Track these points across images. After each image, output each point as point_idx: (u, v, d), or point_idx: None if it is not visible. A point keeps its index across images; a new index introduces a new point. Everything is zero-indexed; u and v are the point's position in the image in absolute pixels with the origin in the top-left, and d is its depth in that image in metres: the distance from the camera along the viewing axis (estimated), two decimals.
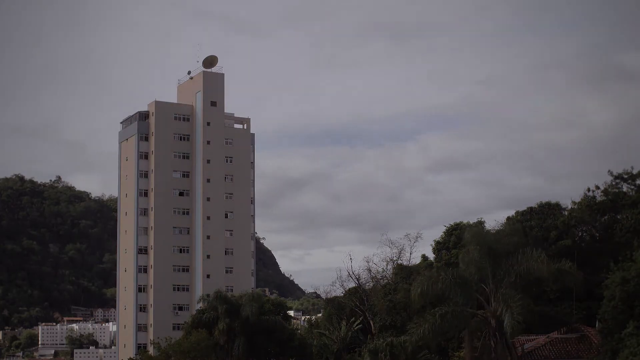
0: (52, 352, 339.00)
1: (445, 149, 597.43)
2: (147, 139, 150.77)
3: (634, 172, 66.54)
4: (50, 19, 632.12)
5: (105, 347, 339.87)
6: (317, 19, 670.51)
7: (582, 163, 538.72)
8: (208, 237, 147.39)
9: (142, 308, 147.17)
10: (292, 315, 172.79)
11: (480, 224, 69.33)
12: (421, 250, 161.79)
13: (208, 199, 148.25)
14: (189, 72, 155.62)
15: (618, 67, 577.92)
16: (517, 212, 72.22)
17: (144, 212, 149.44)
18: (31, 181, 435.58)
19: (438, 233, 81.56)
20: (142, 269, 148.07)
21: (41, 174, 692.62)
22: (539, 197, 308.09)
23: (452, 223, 79.58)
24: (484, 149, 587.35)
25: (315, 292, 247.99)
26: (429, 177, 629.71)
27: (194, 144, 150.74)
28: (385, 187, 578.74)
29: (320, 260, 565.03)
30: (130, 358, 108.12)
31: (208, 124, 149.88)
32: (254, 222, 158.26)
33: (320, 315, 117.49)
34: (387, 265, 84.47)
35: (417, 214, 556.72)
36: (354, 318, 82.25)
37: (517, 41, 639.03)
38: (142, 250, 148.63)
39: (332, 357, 79.96)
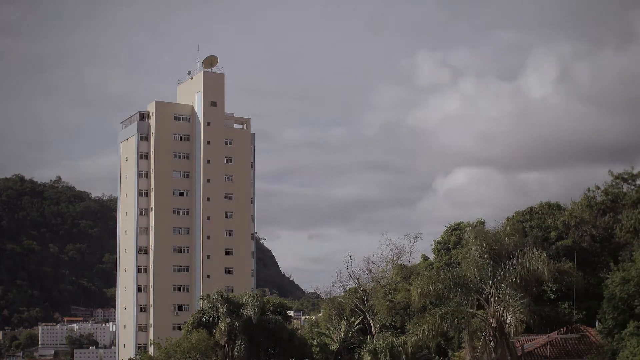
0: (52, 352, 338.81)
1: None
2: (147, 139, 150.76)
3: (634, 172, 66.43)
4: (52, 19, 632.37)
5: (105, 347, 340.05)
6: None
7: None
8: (208, 237, 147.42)
9: (142, 308, 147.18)
10: (292, 315, 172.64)
11: (481, 223, 69.22)
12: (421, 250, 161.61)
13: (208, 199, 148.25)
14: (189, 72, 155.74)
15: None
16: (517, 212, 72.09)
17: (144, 212, 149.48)
18: (31, 181, 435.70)
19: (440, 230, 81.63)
20: (142, 269, 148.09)
21: (41, 174, 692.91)
22: None
23: (452, 223, 79.61)
24: None
25: (315, 292, 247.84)
26: None
27: (194, 144, 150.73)
28: None
29: None
30: (130, 358, 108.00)
31: (208, 124, 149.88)
32: (253, 222, 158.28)
33: (320, 315, 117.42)
34: (387, 265, 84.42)
35: None
36: (354, 318, 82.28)
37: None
38: (142, 250, 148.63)
39: (332, 357, 79.89)
